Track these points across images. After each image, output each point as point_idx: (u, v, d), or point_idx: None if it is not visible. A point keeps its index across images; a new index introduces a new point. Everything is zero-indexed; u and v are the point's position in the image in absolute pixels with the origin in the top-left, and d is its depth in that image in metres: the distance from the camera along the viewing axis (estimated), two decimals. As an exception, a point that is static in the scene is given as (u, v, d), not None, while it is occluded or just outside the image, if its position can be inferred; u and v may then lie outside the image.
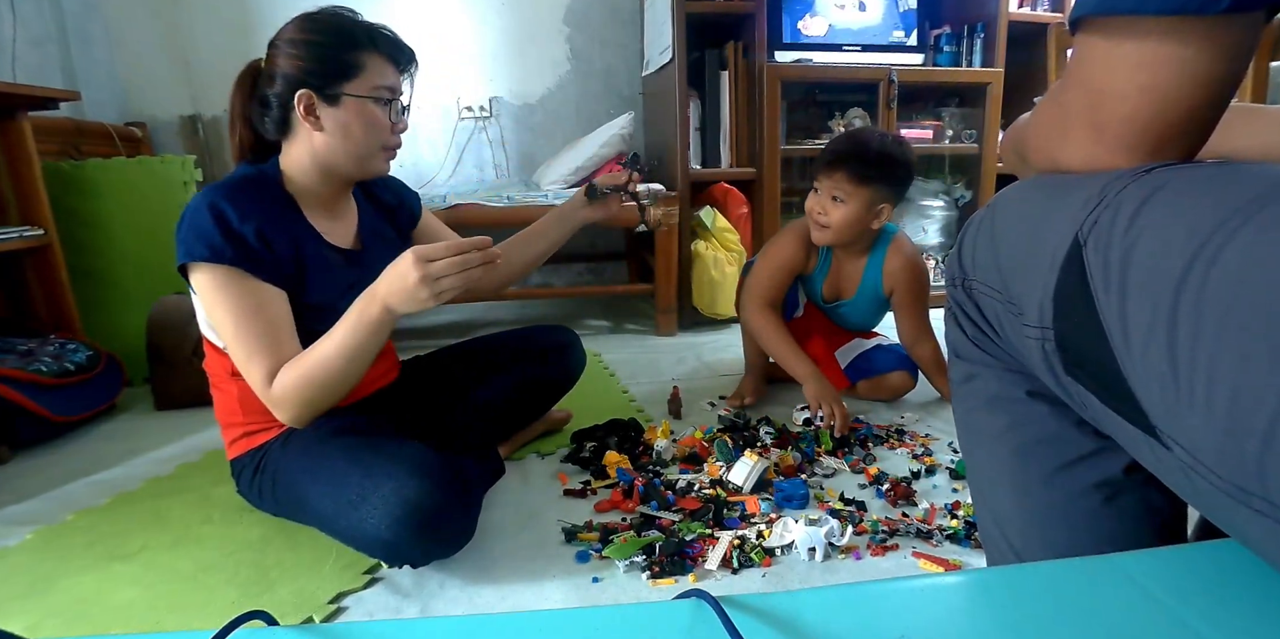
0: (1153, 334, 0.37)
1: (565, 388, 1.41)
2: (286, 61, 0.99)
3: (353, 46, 0.99)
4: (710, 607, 0.39)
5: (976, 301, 0.57)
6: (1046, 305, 0.46)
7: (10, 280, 1.79)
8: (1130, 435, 0.43)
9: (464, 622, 0.41)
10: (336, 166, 1.04)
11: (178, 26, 2.46)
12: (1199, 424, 0.35)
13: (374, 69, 1.00)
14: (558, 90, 2.73)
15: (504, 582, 0.95)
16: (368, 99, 1.00)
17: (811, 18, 2.30)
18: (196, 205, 0.96)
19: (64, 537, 1.11)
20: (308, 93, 0.98)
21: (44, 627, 0.88)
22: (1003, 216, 0.54)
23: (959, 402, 0.64)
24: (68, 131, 2.06)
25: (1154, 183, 0.42)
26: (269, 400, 0.97)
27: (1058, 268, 0.45)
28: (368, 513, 0.89)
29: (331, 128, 1.00)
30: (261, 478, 1.06)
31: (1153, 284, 0.38)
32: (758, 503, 1.11)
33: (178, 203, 1.95)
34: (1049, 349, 0.47)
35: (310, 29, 0.99)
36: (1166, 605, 0.40)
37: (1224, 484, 0.35)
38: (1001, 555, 0.59)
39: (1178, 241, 0.37)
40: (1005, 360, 0.57)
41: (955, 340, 0.63)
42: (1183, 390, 0.36)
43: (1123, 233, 0.41)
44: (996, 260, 0.53)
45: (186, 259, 0.95)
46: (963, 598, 0.42)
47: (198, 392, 1.69)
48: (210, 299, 0.96)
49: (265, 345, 0.96)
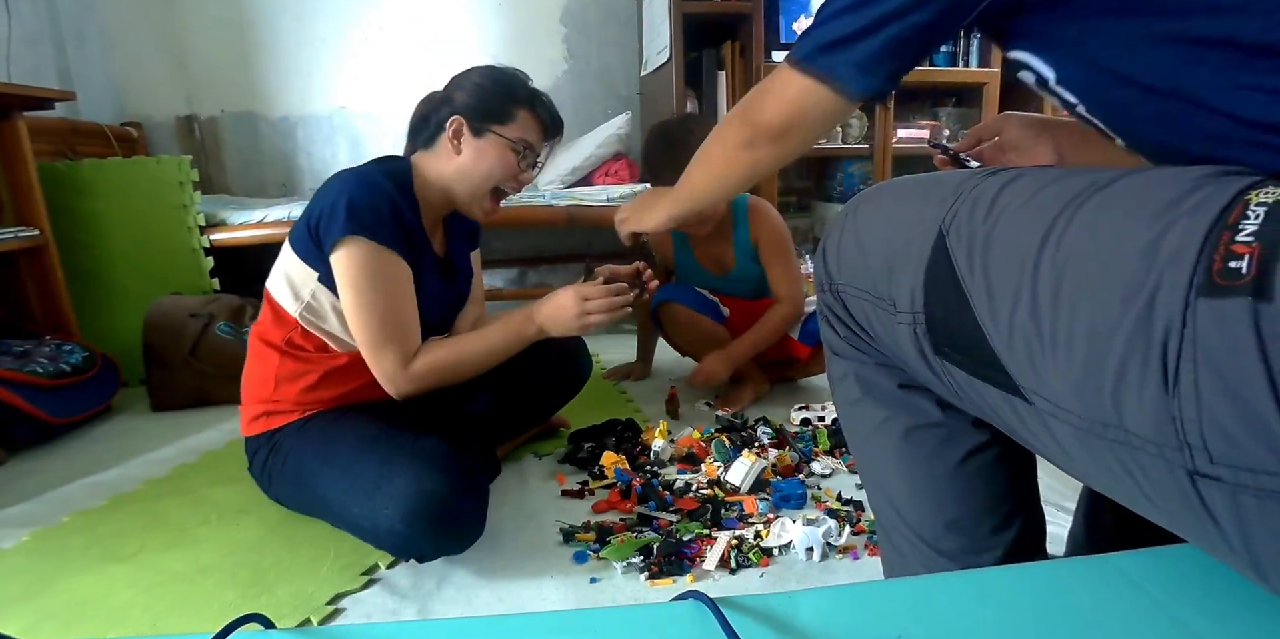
0: (1017, 302, 0.43)
1: (570, 393, 1.41)
2: (457, 93, 1.12)
3: (514, 100, 1.11)
4: (708, 608, 0.39)
5: (845, 303, 0.62)
6: (917, 293, 0.52)
7: (6, 281, 1.78)
8: (993, 400, 0.48)
9: (461, 624, 0.41)
10: (453, 192, 1.13)
11: (173, 27, 2.45)
12: (1061, 374, 0.41)
13: (524, 123, 1.12)
14: (555, 90, 2.73)
15: (502, 582, 0.95)
16: (507, 142, 1.10)
17: (807, 18, 2.31)
18: (359, 186, 1.01)
19: (61, 538, 1.10)
20: (460, 119, 1.10)
21: (41, 629, 0.88)
22: (864, 223, 0.60)
23: (840, 395, 0.70)
24: (63, 132, 2.05)
25: (1001, 181, 0.49)
26: (402, 376, 1.04)
27: (925, 258, 0.51)
28: (382, 503, 0.90)
29: (468, 154, 1.10)
30: (274, 459, 1.06)
31: (1014, 259, 0.44)
32: (755, 503, 1.11)
33: (174, 203, 1.95)
34: (920, 332, 0.53)
35: (488, 75, 1.13)
36: (1163, 604, 0.40)
37: (1082, 422, 0.40)
38: (897, 531, 0.66)
39: (1031, 222, 0.44)
40: (876, 356, 0.63)
41: (830, 340, 0.68)
42: (1046, 347, 0.41)
43: (981, 221, 0.48)
44: (864, 262, 0.59)
45: (351, 232, 0.98)
46: (959, 598, 0.42)
47: (194, 393, 1.69)
48: (357, 276, 1.00)
49: (404, 333, 1.05)
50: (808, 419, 1.46)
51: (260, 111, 2.59)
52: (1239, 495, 0.34)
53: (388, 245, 1.01)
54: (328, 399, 1.10)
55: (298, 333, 1.08)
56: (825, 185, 2.70)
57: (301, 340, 1.08)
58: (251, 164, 2.62)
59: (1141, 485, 0.39)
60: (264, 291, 1.11)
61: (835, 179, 2.63)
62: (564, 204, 2.11)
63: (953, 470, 0.61)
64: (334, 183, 1.03)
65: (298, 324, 1.07)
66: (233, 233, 2.02)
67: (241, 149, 2.60)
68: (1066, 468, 0.48)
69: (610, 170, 2.27)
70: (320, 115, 2.60)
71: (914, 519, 0.64)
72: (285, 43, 2.54)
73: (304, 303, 1.06)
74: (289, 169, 2.64)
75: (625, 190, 2.11)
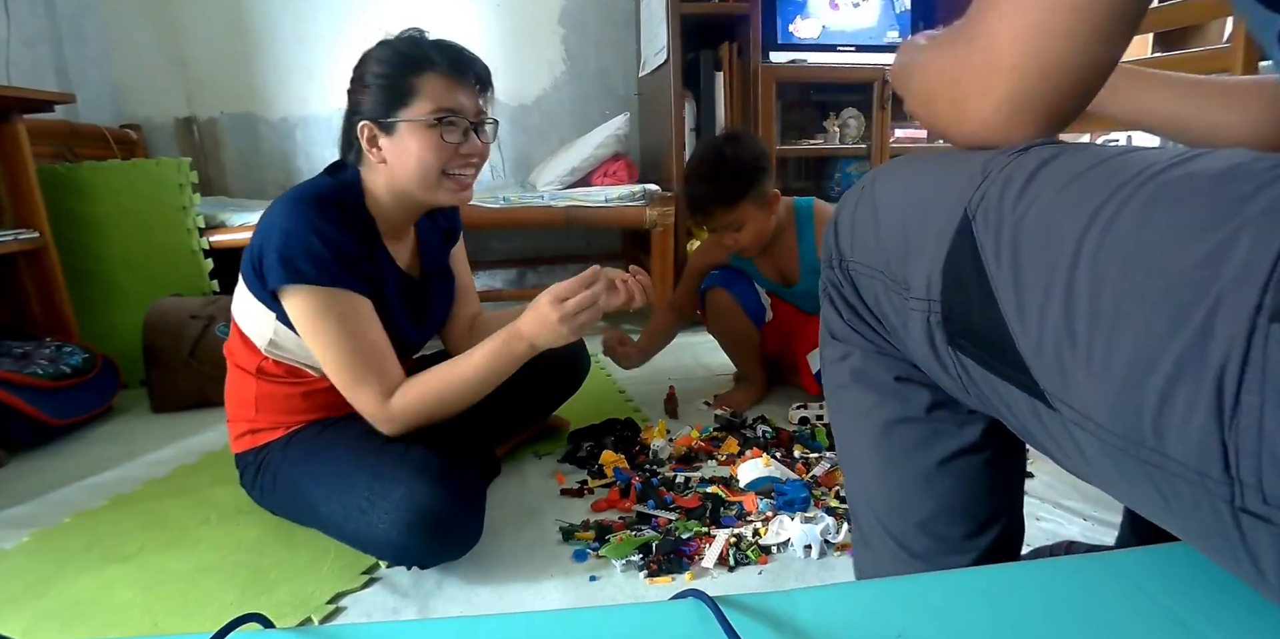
0: (1049, 301, 0.39)
1: (568, 393, 1.41)
2: (358, 97, 1.00)
3: (406, 72, 0.97)
4: (707, 606, 0.39)
5: (854, 282, 0.58)
6: (935, 279, 0.47)
7: (6, 283, 1.78)
8: (1009, 399, 0.45)
9: (460, 623, 0.41)
10: (409, 194, 1.03)
11: (172, 28, 2.45)
12: (1093, 386, 0.37)
13: (430, 92, 0.98)
14: (553, 91, 2.73)
15: (502, 581, 0.95)
16: (420, 123, 0.98)
17: (803, 20, 2.31)
18: (291, 222, 0.94)
19: (61, 539, 1.10)
20: (368, 125, 0.99)
21: (41, 629, 0.88)
22: (883, 197, 0.55)
23: (830, 379, 0.66)
24: (62, 134, 2.05)
25: (1035, 160, 0.43)
26: (383, 415, 0.99)
27: (946, 243, 0.46)
28: (378, 518, 0.89)
29: (392, 157, 1.00)
30: (263, 477, 1.06)
31: (1047, 253, 0.39)
32: (755, 500, 1.11)
33: (174, 205, 1.94)
34: (934, 322, 0.48)
35: (371, 58, 1.00)
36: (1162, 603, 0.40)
37: (1113, 438, 0.37)
38: (867, 522, 0.64)
39: (1069, 212, 0.39)
40: (878, 344, 0.60)
41: (830, 320, 0.64)
42: (1079, 353, 0.37)
43: (1011, 206, 0.42)
44: (878, 239, 0.54)
45: (288, 281, 0.93)
46: (959, 596, 0.42)
47: (194, 394, 1.69)
48: (312, 321, 0.95)
49: (375, 368, 0.98)
50: (806, 418, 1.46)
51: (260, 113, 2.59)
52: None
53: (331, 285, 0.94)
54: (311, 417, 1.08)
55: (268, 362, 1.05)
56: (823, 185, 2.70)
57: (274, 368, 1.05)
58: (251, 166, 2.62)
59: (1171, 507, 0.37)
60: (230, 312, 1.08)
61: (833, 179, 2.63)
62: (562, 204, 2.11)
63: (931, 470, 0.59)
64: (268, 216, 0.96)
65: (265, 356, 1.04)
66: (232, 234, 2.02)
67: (241, 150, 2.60)
68: (1085, 476, 0.45)
69: (609, 171, 2.27)
70: (320, 116, 2.61)
71: (884, 513, 0.62)
72: (285, 43, 2.54)
73: (268, 338, 1.02)
74: (289, 170, 2.64)
75: (624, 190, 2.11)
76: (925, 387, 0.59)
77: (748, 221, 1.43)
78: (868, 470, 0.63)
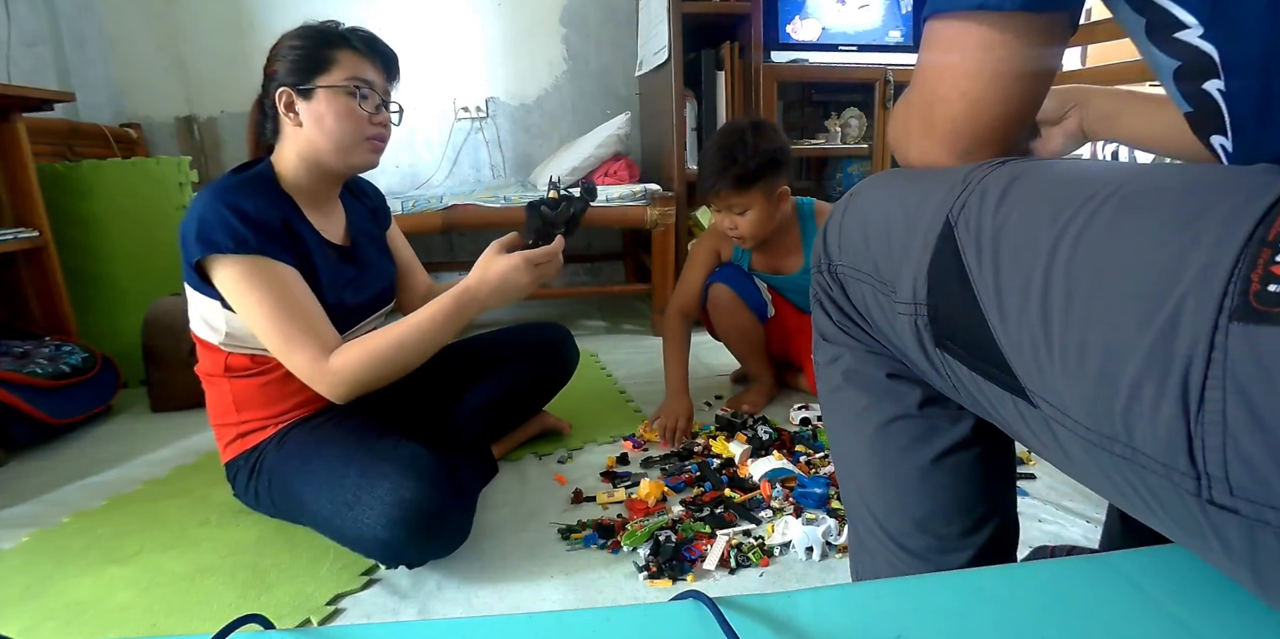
0: (1026, 302, 0.41)
1: (559, 384, 1.41)
2: (274, 67, 1.05)
3: (326, 44, 1.04)
4: (707, 608, 0.39)
5: (843, 285, 0.60)
6: (920, 282, 0.50)
7: (5, 282, 1.78)
8: (995, 398, 0.47)
9: (460, 624, 0.41)
10: (322, 160, 1.06)
11: (173, 27, 2.45)
12: (1069, 383, 0.39)
13: (347, 63, 1.04)
14: (554, 91, 2.73)
15: (502, 582, 0.95)
16: (339, 89, 1.03)
17: (804, 20, 2.30)
18: (206, 203, 0.97)
19: (60, 539, 1.10)
20: (286, 90, 1.03)
21: (40, 630, 0.88)
22: (870, 205, 0.58)
23: (823, 381, 0.67)
24: (63, 133, 2.05)
25: (1013, 172, 0.46)
26: (322, 375, 0.99)
27: (930, 248, 0.49)
28: (363, 513, 0.89)
29: (309, 121, 1.03)
30: (257, 480, 1.06)
31: (1025, 256, 0.41)
32: (769, 487, 1.12)
33: (173, 204, 1.94)
34: (921, 324, 0.50)
35: (296, 35, 1.06)
36: (1162, 604, 0.40)
37: (1089, 434, 0.39)
38: (864, 524, 0.64)
39: (1046, 217, 0.41)
40: (868, 343, 0.61)
41: (821, 324, 0.66)
42: (1055, 352, 0.39)
43: (992, 213, 0.45)
44: (866, 244, 0.56)
45: (208, 252, 0.96)
46: (959, 597, 0.42)
47: (194, 394, 1.67)
48: (239, 291, 0.97)
49: (305, 327, 0.99)
50: (807, 419, 1.46)
51: (259, 112, 2.58)
52: (1257, 532, 0.32)
53: (249, 253, 0.96)
54: (293, 404, 1.08)
55: (232, 357, 1.06)
56: (825, 185, 2.70)
57: (239, 362, 1.07)
58: (251, 165, 2.61)
59: (1147, 501, 0.38)
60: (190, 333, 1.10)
61: (835, 179, 2.63)
62: (563, 204, 2.10)
63: (926, 467, 0.60)
64: (189, 208, 1.00)
65: (227, 353, 1.06)
66: (232, 233, 2.02)
67: (241, 150, 2.58)
68: (1069, 472, 0.46)
69: (609, 170, 2.27)
70: (319, 116, 2.60)
71: (882, 514, 0.62)
72: (284, 43, 2.54)
73: (222, 333, 1.04)
74: (288, 170, 2.64)
75: (625, 190, 2.11)
76: (917, 383, 0.60)
77: (752, 208, 1.43)
78: (864, 472, 0.63)
